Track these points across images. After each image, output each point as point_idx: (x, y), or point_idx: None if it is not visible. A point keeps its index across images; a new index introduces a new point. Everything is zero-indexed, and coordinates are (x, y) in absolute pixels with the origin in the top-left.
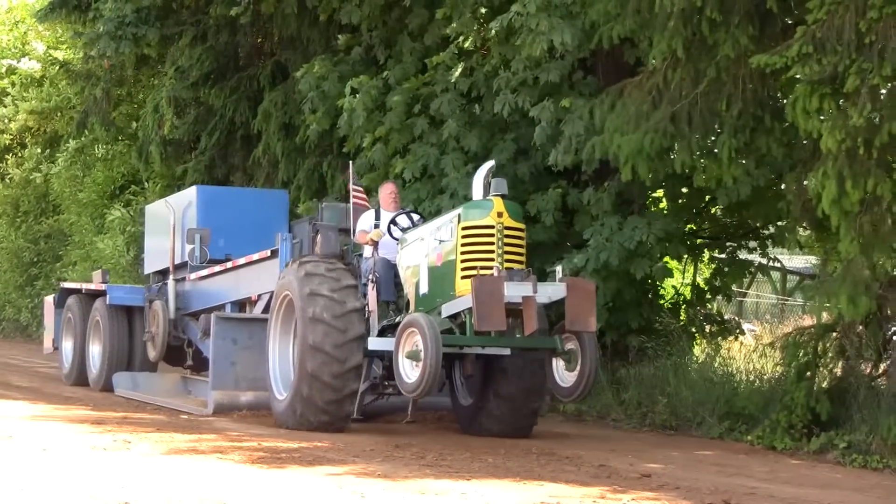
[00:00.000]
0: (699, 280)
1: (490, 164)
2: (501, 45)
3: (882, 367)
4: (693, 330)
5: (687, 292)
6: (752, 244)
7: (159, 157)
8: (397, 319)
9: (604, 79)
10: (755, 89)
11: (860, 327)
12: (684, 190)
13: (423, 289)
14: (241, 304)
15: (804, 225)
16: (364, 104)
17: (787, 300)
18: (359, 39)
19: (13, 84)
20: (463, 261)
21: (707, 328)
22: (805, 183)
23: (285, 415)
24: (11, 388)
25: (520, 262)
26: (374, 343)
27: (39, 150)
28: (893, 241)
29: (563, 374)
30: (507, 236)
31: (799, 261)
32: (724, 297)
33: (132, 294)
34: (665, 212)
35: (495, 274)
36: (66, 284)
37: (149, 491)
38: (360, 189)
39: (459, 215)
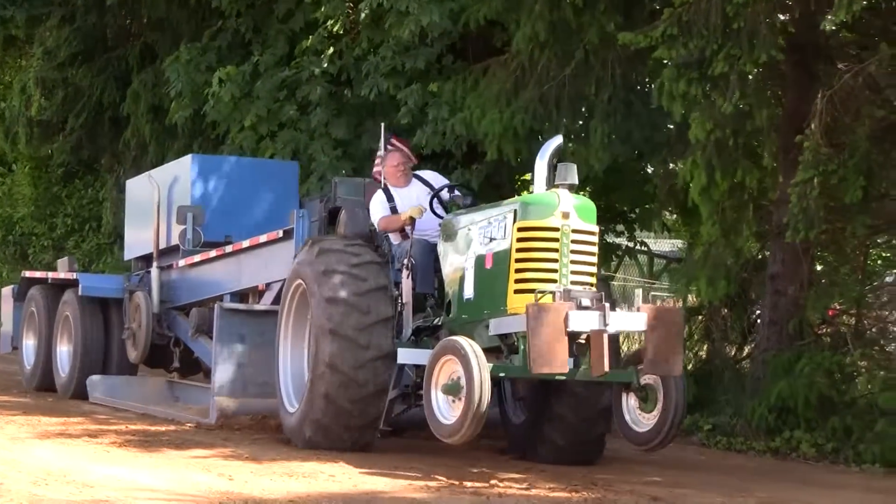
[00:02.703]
0: None
1: (556, 140)
2: (371, 28)
3: (746, 349)
4: None
5: None
6: (620, 227)
7: (26, 137)
8: (436, 321)
9: (474, 62)
10: (624, 73)
11: (725, 310)
12: None
13: (468, 292)
14: (242, 296)
15: (670, 209)
16: (231, 93)
17: (653, 283)
18: (225, 24)
19: None
20: (518, 270)
21: None
22: (671, 167)
23: (296, 432)
24: None
25: (590, 275)
26: (405, 355)
27: None
28: (755, 226)
29: (637, 416)
30: (574, 241)
31: (665, 244)
32: None
33: (109, 284)
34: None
35: (557, 299)
36: (28, 274)
37: (16, 474)
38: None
39: (516, 212)
